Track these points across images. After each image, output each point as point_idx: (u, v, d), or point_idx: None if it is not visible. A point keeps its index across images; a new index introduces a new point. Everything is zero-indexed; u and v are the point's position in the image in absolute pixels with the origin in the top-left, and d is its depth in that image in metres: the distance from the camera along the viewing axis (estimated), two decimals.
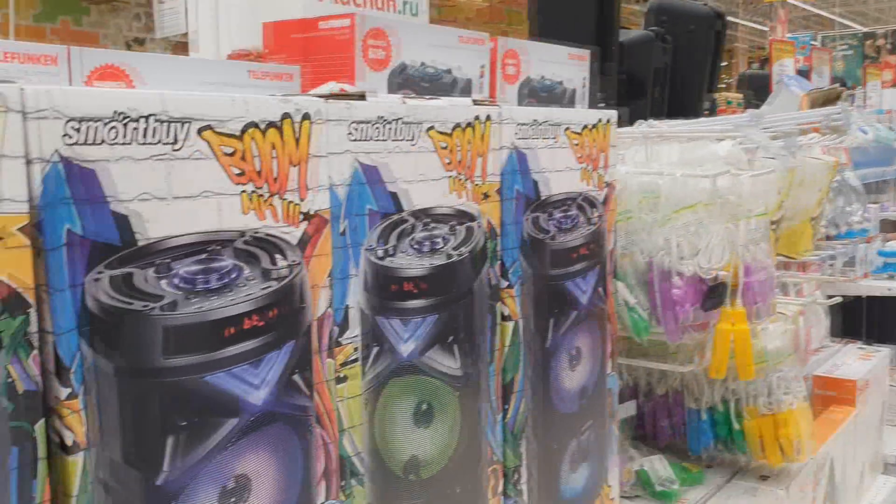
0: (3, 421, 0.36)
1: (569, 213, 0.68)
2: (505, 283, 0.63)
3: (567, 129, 0.68)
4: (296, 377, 0.49)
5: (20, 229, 0.36)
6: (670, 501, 0.95)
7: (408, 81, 1.07)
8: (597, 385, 0.74)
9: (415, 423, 0.58)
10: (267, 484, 0.47)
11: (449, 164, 0.58)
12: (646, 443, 1.05)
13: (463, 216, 0.59)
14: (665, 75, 2.19)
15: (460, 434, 0.60)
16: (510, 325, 0.64)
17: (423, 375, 0.57)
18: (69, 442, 0.39)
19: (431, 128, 0.56)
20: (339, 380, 0.52)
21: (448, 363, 0.59)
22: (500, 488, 0.66)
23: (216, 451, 0.45)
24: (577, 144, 0.69)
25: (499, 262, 0.63)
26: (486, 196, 0.60)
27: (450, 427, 0.60)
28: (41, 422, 0.38)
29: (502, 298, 0.63)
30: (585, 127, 0.70)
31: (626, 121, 1.44)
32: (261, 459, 0.47)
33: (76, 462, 0.39)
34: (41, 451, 0.38)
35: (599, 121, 0.73)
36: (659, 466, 0.98)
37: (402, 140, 0.54)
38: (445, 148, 0.57)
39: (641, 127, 1.01)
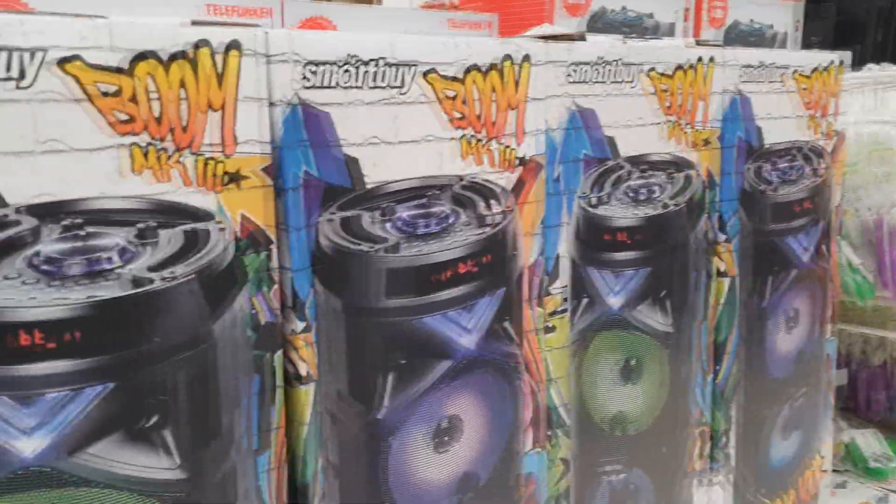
0: (248, 349, 0.38)
1: (793, 164, 0.63)
2: (722, 237, 0.60)
3: (794, 72, 0.63)
4: (505, 324, 0.49)
5: (261, 170, 0.38)
6: (884, 479, 0.88)
7: (607, 27, 1.03)
8: (813, 349, 0.69)
9: (621, 378, 0.56)
10: (476, 426, 0.48)
11: (667, 108, 0.55)
12: (857, 415, 0.97)
13: (680, 164, 0.56)
14: (888, 16, 1.98)
15: (668, 392, 0.58)
16: (725, 281, 0.60)
17: (632, 330, 0.56)
18: (302, 373, 0.40)
19: (651, 69, 0.53)
20: (547, 329, 0.51)
21: (658, 318, 0.57)
22: (706, 451, 0.63)
23: (430, 390, 0.46)
24: (804, 89, 0.64)
25: (716, 214, 0.59)
26: (705, 143, 0.57)
27: (657, 384, 0.58)
28: (279, 352, 0.40)
29: (718, 253, 0.60)
30: (814, 70, 0.64)
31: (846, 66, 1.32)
32: (471, 402, 0.48)
33: (307, 392, 0.41)
34: (278, 379, 0.40)
35: (829, 64, 0.66)
36: (872, 441, 0.91)
37: (619, 82, 0.52)
38: (665, 91, 0.54)
39: (869, 72, 0.91)
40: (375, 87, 0.40)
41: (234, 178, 0.37)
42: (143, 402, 0.35)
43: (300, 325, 0.40)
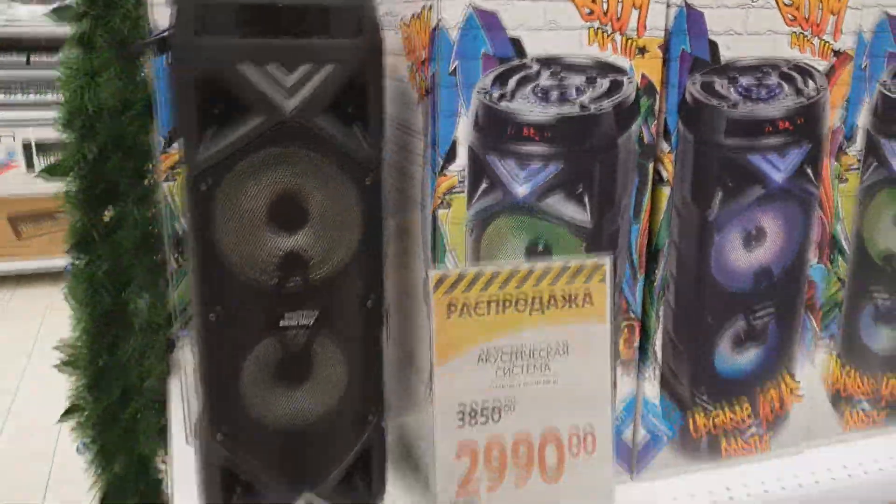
0: (634, 157, 0.64)
1: None
2: None
3: None
4: (808, 169, 0.69)
5: (658, 47, 0.62)
6: None
7: None
8: None
9: None
10: (777, 237, 0.69)
11: None
12: None
13: None
14: None
15: None
16: None
17: None
18: (664, 178, 0.65)
19: None
20: (841, 179, 0.71)
21: None
22: None
23: (747, 207, 0.68)
24: None
25: None
26: None
27: None
28: (652, 163, 0.64)
29: None
30: None
31: None
32: (775, 219, 0.69)
33: (664, 191, 0.65)
34: (649, 181, 0.65)
35: None
36: None
37: None
38: None
39: None
40: None
41: (642, 50, 0.62)
42: (577, 177, 0.62)
43: (667, 148, 0.65)
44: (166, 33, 0.54)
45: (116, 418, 0.89)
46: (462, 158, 0.59)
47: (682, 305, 0.69)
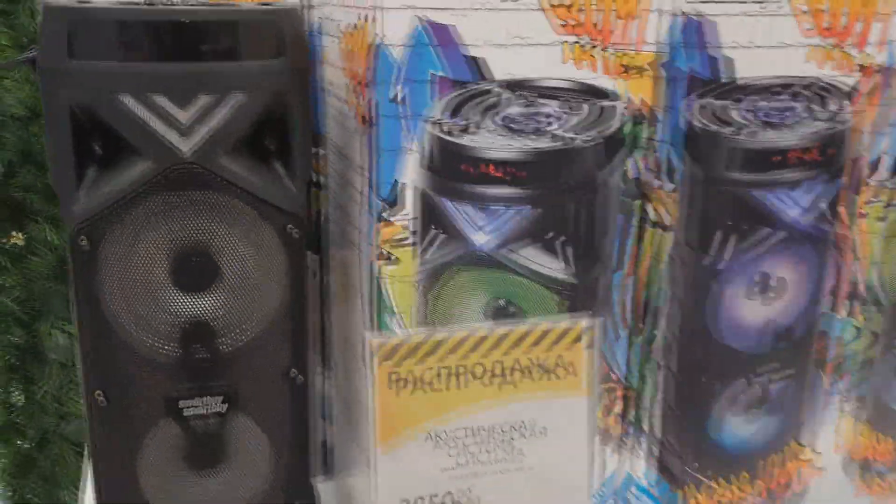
0: (617, 194, 0.53)
1: None
2: None
3: None
4: (824, 206, 0.58)
5: (648, 63, 0.51)
6: None
7: None
8: None
9: None
10: (787, 285, 0.59)
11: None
12: None
13: None
14: None
15: None
16: None
17: None
18: (657, 220, 0.54)
19: None
20: (861, 215, 0.60)
21: None
22: None
23: (751, 250, 0.57)
24: None
25: None
26: None
27: None
28: (638, 201, 0.54)
29: None
30: None
31: None
32: (785, 264, 0.58)
33: (656, 234, 0.55)
34: (636, 221, 0.54)
35: None
36: None
37: None
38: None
39: None
40: (743, 2, 0.51)
41: (629, 68, 0.51)
42: (549, 221, 0.51)
43: (659, 184, 0.54)
44: (32, 54, 0.43)
45: (34, 465, 0.79)
46: (408, 203, 0.48)
47: (682, 368, 0.58)
